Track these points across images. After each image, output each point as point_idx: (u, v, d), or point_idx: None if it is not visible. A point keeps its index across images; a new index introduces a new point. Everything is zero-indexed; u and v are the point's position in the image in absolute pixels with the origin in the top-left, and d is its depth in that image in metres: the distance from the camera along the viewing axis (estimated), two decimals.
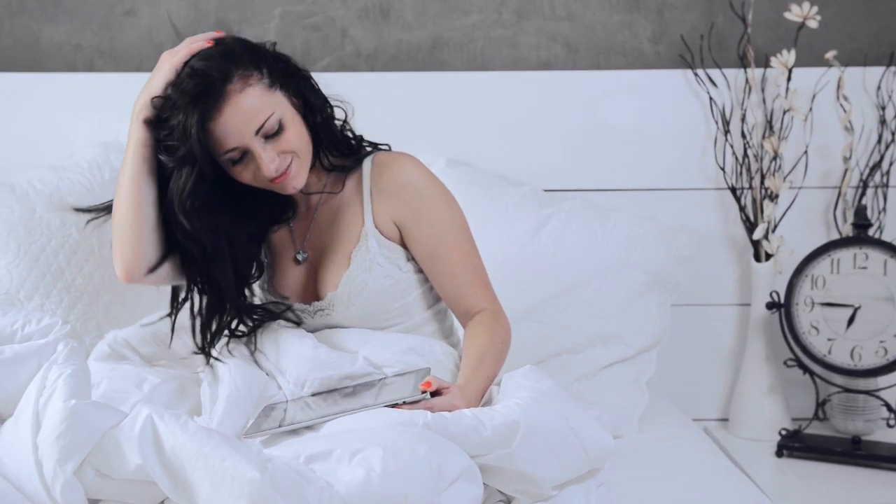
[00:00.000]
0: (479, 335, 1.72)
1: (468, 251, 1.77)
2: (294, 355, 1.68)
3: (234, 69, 1.63)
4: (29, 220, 2.13)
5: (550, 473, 1.44)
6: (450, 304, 1.78)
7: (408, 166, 1.76)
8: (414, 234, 1.74)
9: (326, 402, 1.57)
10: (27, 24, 2.49)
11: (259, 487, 1.23)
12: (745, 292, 2.47)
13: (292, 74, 1.70)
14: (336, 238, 1.77)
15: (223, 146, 1.63)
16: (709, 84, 2.42)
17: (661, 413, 2.21)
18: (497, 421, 1.43)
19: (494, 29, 2.55)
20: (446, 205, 1.77)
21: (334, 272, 1.75)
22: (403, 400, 1.49)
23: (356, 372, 1.64)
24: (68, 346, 1.45)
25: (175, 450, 1.28)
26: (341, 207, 1.79)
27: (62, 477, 1.27)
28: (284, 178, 1.67)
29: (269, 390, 1.67)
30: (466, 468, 1.37)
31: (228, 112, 1.61)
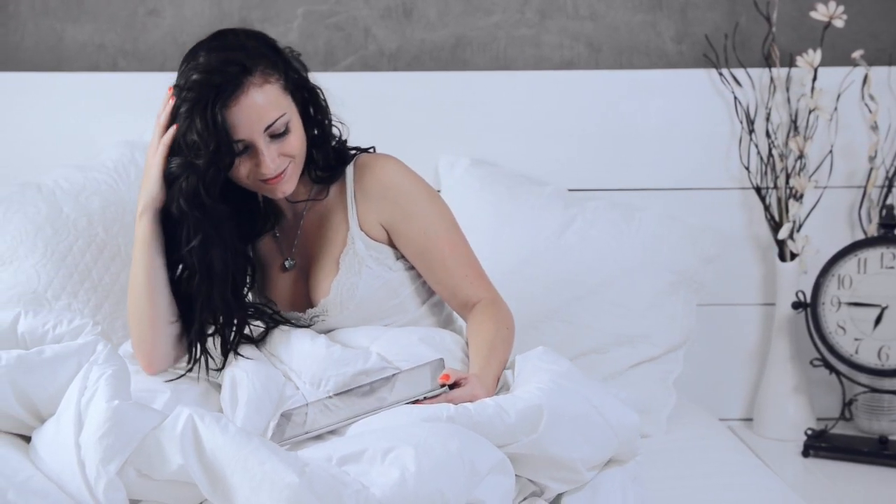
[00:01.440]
0: (483, 323, 1.72)
1: (459, 243, 1.78)
2: (307, 355, 1.69)
3: (258, 64, 1.65)
4: (56, 220, 2.13)
5: (580, 454, 1.44)
6: (447, 298, 1.79)
7: (389, 167, 1.77)
8: (403, 234, 1.75)
9: (345, 403, 1.57)
10: (51, 24, 2.50)
11: (297, 491, 1.23)
12: (770, 292, 2.46)
13: (304, 86, 1.73)
14: (324, 244, 1.79)
15: (234, 135, 1.63)
16: (733, 83, 2.42)
17: (687, 413, 2.21)
18: (520, 407, 1.42)
19: (517, 28, 2.55)
20: (431, 201, 1.78)
21: (324, 278, 1.77)
22: (424, 395, 1.49)
23: (370, 367, 1.65)
24: (107, 346, 1.45)
25: (215, 452, 1.28)
26: (327, 213, 1.80)
27: (105, 477, 1.27)
28: (279, 180, 1.68)
29: (287, 391, 1.67)
30: (498, 461, 1.37)
31: (244, 103, 1.62)
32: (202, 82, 1.63)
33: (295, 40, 2.50)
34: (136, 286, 1.71)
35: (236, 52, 1.64)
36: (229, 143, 1.63)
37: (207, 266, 1.68)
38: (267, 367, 1.68)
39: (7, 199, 2.15)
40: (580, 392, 1.47)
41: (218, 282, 1.68)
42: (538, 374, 1.51)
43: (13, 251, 2.09)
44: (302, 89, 1.73)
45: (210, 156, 1.62)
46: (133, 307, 1.72)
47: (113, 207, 2.19)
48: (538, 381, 1.48)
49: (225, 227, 1.69)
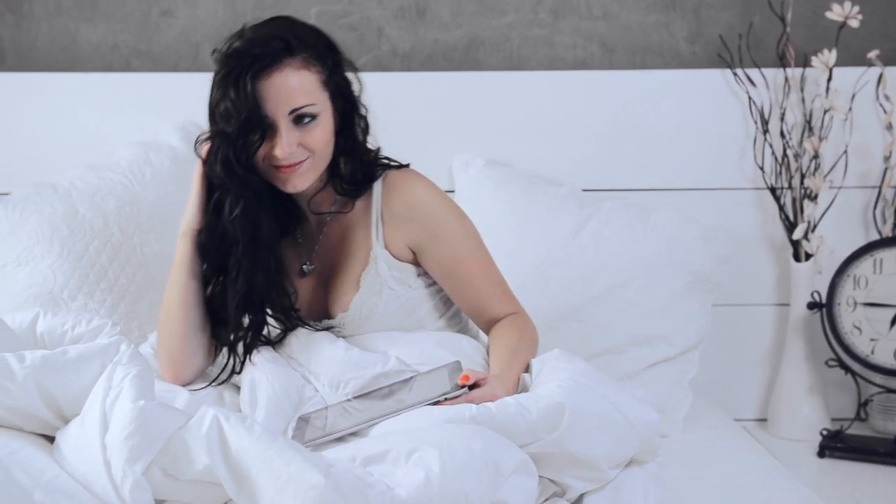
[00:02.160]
0: (508, 333, 1.73)
1: (486, 262, 1.78)
2: (326, 358, 1.68)
3: (303, 50, 1.66)
4: (72, 220, 2.13)
5: (602, 451, 1.44)
6: (473, 315, 1.79)
7: (418, 188, 1.76)
8: (431, 255, 1.75)
9: (365, 405, 1.57)
10: (65, 24, 2.50)
11: (323, 492, 1.23)
12: (784, 292, 2.46)
13: (346, 93, 1.73)
14: (345, 257, 1.78)
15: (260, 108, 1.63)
16: (747, 83, 2.42)
17: (702, 413, 2.20)
18: (542, 405, 1.43)
19: (530, 28, 2.54)
20: (459, 221, 1.77)
21: (344, 294, 1.76)
22: (444, 396, 1.49)
23: (389, 370, 1.65)
24: (130, 347, 1.45)
25: (240, 452, 1.28)
26: (350, 227, 1.78)
27: (131, 477, 1.27)
28: (291, 171, 1.67)
29: (306, 393, 1.67)
30: (522, 461, 1.37)
31: (277, 79, 1.63)
32: (242, 50, 1.65)
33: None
34: (171, 306, 1.72)
35: (285, 32, 1.67)
36: (259, 116, 1.63)
37: (252, 235, 1.68)
38: (286, 369, 1.68)
39: (23, 200, 2.15)
40: (599, 390, 1.48)
41: (264, 250, 1.69)
42: (557, 374, 1.52)
43: (29, 251, 2.10)
44: (344, 96, 1.72)
45: (240, 124, 1.62)
46: (165, 325, 1.73)
47: (128, 208, 2.19)
48: (557, 379, 1.49)
49: (266, 199, 1.69)
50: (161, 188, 2.25)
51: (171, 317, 1.72)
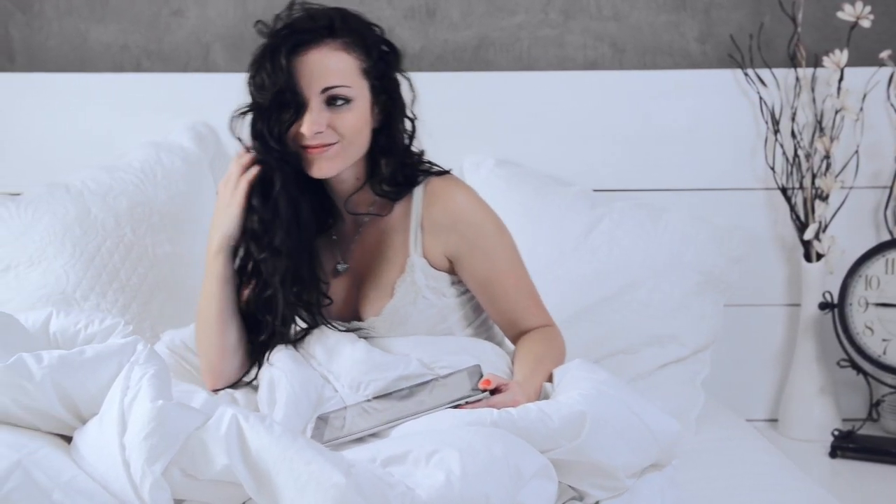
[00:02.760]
0: (536, 342, 1.72)
1: (522, 276, 1.77)
2: (347, 358, 1.67)
3: (347, 35, 1.65)
4: (84, 220, 2.13)
5: (622, 461, 1.43)
6: (504, 326, 1.78)
7: (459, 197, 1.74)
8: (468, 266, 1.73)
9: (384, 406, 1.57)
10: (75, 24, 2.50)
11: (344, 492, 1.23)
12: (795, 293, 2.46)
13: (390, 87, 1.70)
14: (380, 261, 1.75)
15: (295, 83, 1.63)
16: (758, 84, 2.42)
17: (714, 413, 2.19)
18: (564, 412, 1.42)
19: (541, 29, 2.54)
20: (498, 234, 1.75)
21: (377, 299, 1.74)
22: (466, 400, 1.48)
23: (411, 373, 1.64)
24: (147, 346, 1.45)
25: (260, 452, 1.28)
26: (388, 231, 1.76)
27: (150, 477, 1.27)
28: (320, 151, 1.65)
29: (325, 393, 1.66)
30: (542, 465, 1.36)
31: (313, 56, 1.63)
32: (285, 26, 1.65)
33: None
34: (208, 319, 1.71)
35: (331, 16, 1.66)
36: (293, 91, 1.62)
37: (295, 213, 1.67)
38: (305, 368, 1.67)
39: (35, 200, 2.15)
40: (621, 399, 1.47)
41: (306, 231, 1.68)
42: (579, 383, 1.51)
43: (42, 251, 2.10)
44: (388, 93, 1.70)
45: (273, 97, 1.63)
46: (202, 337, 1.72)
47: (140, 208, 2.19)
48: (579, 388, 1.48)
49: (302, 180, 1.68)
50: (173, 188, 2.25)
51: (209, 331, 1.71)
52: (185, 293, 2.20)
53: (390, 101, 1.71)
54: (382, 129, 1.71)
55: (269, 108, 1.65)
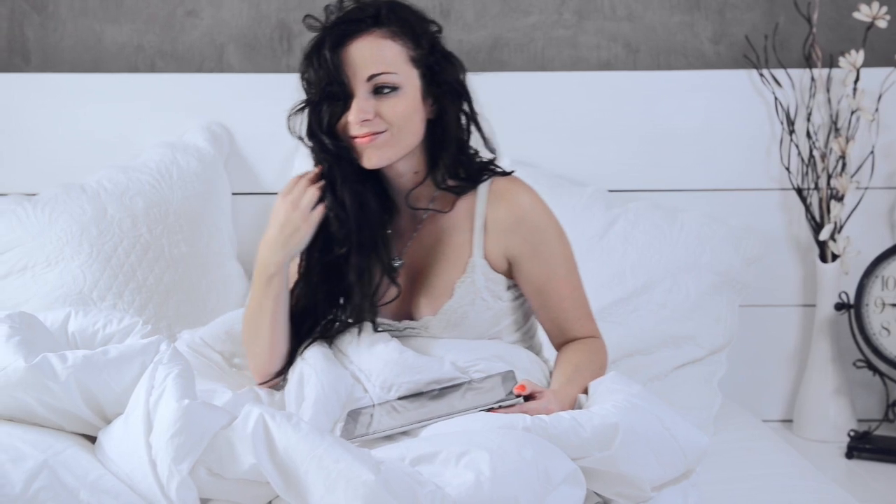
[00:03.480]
0: (578, 351, 1.70)
1: (577, 285, 1.74)
2: (379, 358, 1.65)
3: (393, 24, 1.64)
4: (101, 221, 2.13)
5: (650, 474, 1.43)
6: (552, 333, 1.75)
7: (525, 199, 1.71)
8: (526, 270, 1.70)
9: (414, 406, 1.56)
10: (90, 24, 2.50)
11: (374, 489, 1.22)
12: (810, 293, 2.45)
13: (444, 83, 1.67)
14: (439, 260, 1.72)
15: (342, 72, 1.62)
16: (773, 84, 2.41)
17: (730, 414, 2.19)
18: (596, 423, 1.41)
19: (555, 29, 2.54)
20: (560, 240, 1.72)
21: (434, 298, 1.71)
22: (499, 404, 1.48)
23: (444, 376, 1.62)
24: (171, 346, 1.44)
25: (288, 450, 1.27)
26: (449, 229, 1.72)
27: (177, 476, 1.26)
28: (368, 140, 1.63)
29: (355, 393, 1.64)
30: (571, 471, 1.35)
31: (359, 44, 1.62)
32: (335, 23, 1.64)
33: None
34: (260, 331, 1.68)
35: (378, 6, 1.65)
36: (340, 81, 1.62)
37: (361, 204, 1.65)
38: (336, 367, 1.65)
39: (52, 200, 2.15)
40: (654, 412, 1.46)
41: (374, 219, 1.66)
42: (612, 395, 1.50)
43: (59, 252, 2.10)
44: (441, 85, 1.67)
45: (321, 90, 1.62)
46: (253, 345, 1.70)
47: (156, 208, 2.19)
48: (613, 400, 1.47)
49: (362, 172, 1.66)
50: (188, 188, 2.25)
51: (261, 342, 1.69)
52: (201, 293, 2.20)
53: (442, 92, 1.67)
54: (438, 121, 1.69)
55: (319, 103, 1.64)
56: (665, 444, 1.45)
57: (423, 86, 1.66)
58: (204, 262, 2.23)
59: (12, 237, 2.11)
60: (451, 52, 1.72)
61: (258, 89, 2.45)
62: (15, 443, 1.32)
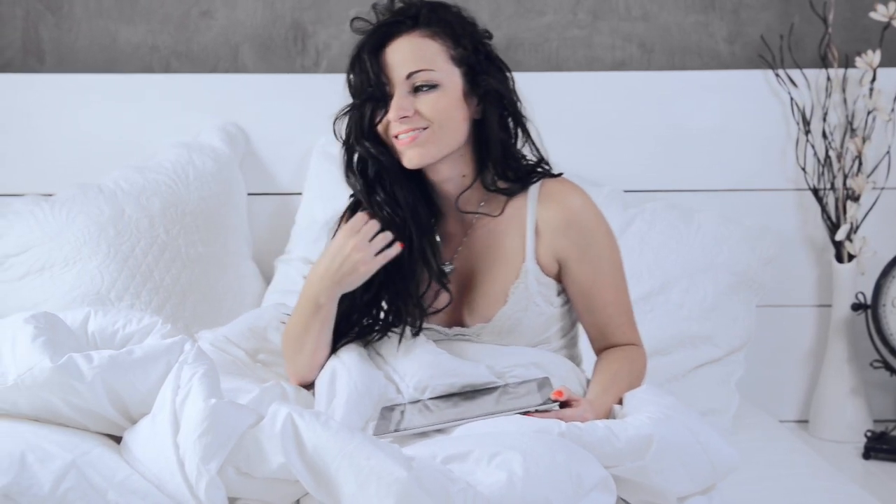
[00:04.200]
0: (616, 359, 1.69)
1: (623, 291, 1.72)
2: (414, 360, 1.63)
3: (434, 24, 1.64)
4: (118, 221, 2.13)
5: (679, 488, 1.42)
6: (594, 337, 1.73)
7: (576, 200, 1.68)
8: (573, 272, 1.68)
9: (447, 405, 1.55)
10: (104, 25, 2.50)
11: (406, 486, 1.22)
12: (825, 293, 2.45)
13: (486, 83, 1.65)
14: (491, 266, 1.70)
15: (382, 73, 1.63)
16: (789, 84, 2.41)
17: (747, 415, 2.19)
18: (630, 433, 1.41)
19: (569, 29, 2.54)
20: (609, 244, 1.70)
21: (488, 305, 1.68)
22: (536, 408, 1.47)
23: (479, 380, 1.61)
24: (195, 346, 1.44)
25: (317, 448, 1.27)
26: (500, 234, 1.69)
27: (206, 476, 1.26)
28: (410, 140, 1.61)
29: (388, 393, 1.63)
30: (603, 478, 1.35)
31: (397, 45, 1.62)
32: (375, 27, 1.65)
33: (348, 41, 2.48)
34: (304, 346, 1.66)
35: (418, 7, 1.65)
36: (379, 82, 1.62)
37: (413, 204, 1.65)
38: (370, 366, 1.64)
39: (70, 200, 2.15)
40: (687, 425, 1.45)
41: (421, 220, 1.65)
42: (647, 406, 1.50)
43: (77, 252, 2.10)
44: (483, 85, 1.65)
45: (363, 93, 1.63)
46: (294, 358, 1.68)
47: (173, 209, 2.19)
48: (647, 411, 1.47)
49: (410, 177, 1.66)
50: (204, 189, 2.25)
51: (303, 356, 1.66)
52: (217, 294, 2.20)
53: (485, 92, 1.65)
54: (483, 122, 1.67)
55: (361, 106, 1.64)
56: (696, 458, 1.44)
57: (465, 85, 1.65)
58: (220, 262, 2.23)
59: (30, 237, 2.11)
60: (497, 55, 1.71)
61: (273, 89, 2.45)
62: (42, 443, 1.31)
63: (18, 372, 1.36)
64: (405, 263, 1.65)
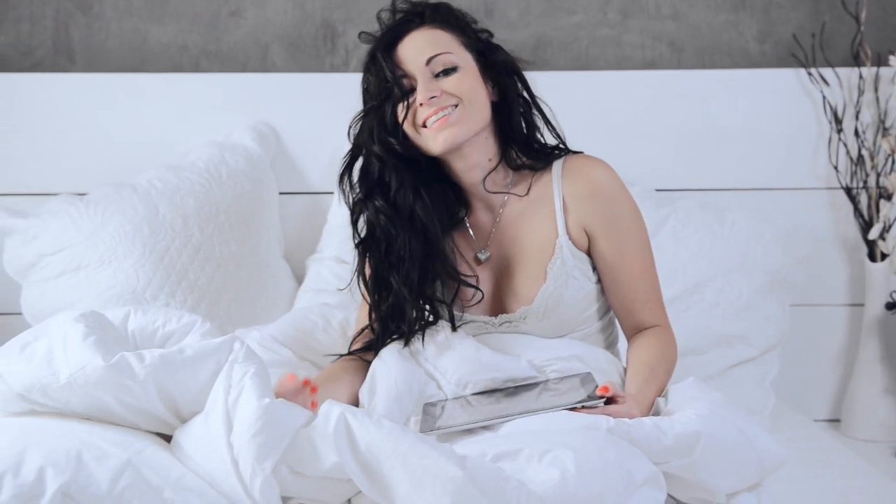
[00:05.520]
0: (650, 347, 1.69)
1: (650, 267, 1.73)
2: (455, 356, 1.64)
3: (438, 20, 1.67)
4: (153, 220, 2.13)
5: (727, 484, 1.42)
6: (621, 316, 1.74)
7: (602, 173, 1.70)
8: (600, 244, 1.69)
9: (489, 401, 1.55)
10: (134, 25, 2.50)
11: (461, 485, 1.22)
12: (857, 292, 2.45)
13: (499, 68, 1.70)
14: (525, 246, 1.71)
15: (398, 69, 1.65)
16: (821, 83, 2.41)
17: (781, 414, 2.19)
18: (678, 430, 1.41)
19: (599, 28, 2.54)
20: (634, 217, 1.71)
21: (528, 286, 1.69)
22: (582, 404, 1.47)
23: (520, 374, 1.61)
24: (244, 345, 1.44)
25: (371, 448, 1.27)
26: (529, 213, 1.72)
27: (261, 474, 1.26)
28: (442, 121, 1.63)
29: (428, 390, 1.63)
30: (653, 474, 1.35)
31: (410, 40, 1.66)
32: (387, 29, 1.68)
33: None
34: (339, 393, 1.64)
35: (422, 7, 1.69)
36: (397, 77, 1.64)
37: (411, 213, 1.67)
38: (410, 363, 1.64)
39: (105, 200, 2.15)
40: (735, 422, 1.45)
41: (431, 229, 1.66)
42: (694, 402, 1.49)
43: (113, 251, 2.10)
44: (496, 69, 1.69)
45: (381, 92, 1.64)
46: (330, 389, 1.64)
47: (206, 208, 2.19)
48: (694, 407, 1.47)
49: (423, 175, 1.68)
50: (237, 188, 2.25)
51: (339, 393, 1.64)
52: (251, 293, 2.20)
53: (497, 73, 1.69)
54: (501, 104, 1.70)
55: (380, 106, 1.65)
56: (744, 454, 1.44)
57: (479, 68, 1.68)
58: (253, 261, 2.23)
59: (66, 237, 2.11)
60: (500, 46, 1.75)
61: (303, 89, 2.45)
62: (97, 441, 1.31)
63: (71, 371, 1.36)
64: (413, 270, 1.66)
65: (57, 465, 1.25)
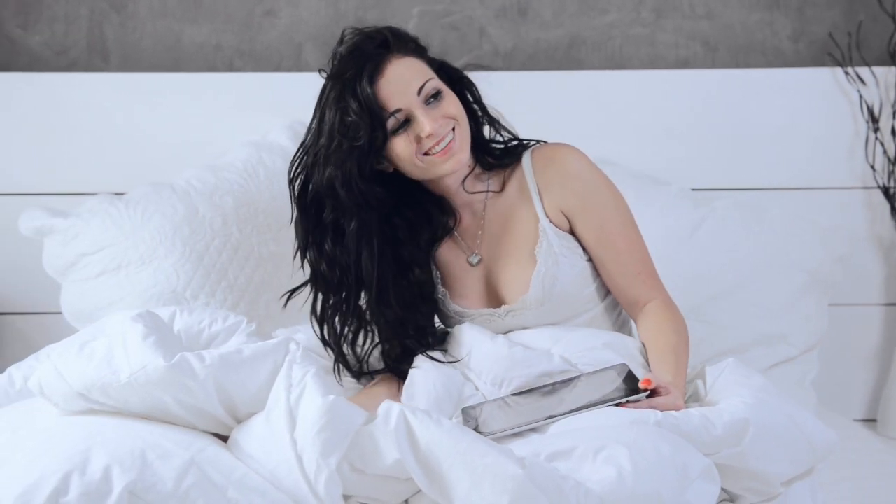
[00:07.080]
0: (664, 329, 1.69)
1: (634, 240, 1.75)
2: (488, 355, 1.65)
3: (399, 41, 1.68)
4: (193, 220, 2.13)
5: (780, 470, 1.43)
6: (617, 294, 1.76)
7: (571, 156, 1.76)
8: (581, 224, 1.73)
9: (528, 402, 1.55)
10: (169, 25, 2.50)
11: (521, 484, 1.22)
12: (893, 292, 2.44)
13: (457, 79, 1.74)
14: (511, 239, 1.75)
15: (388, 108, 1.64)
16: (858, 82, 2.40)
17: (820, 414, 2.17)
18: (726, 419, 1.41)
19: (633, 27, 2.54)
20: (610, 194, 1.76)
21: (521, 273, 1.73)
22: (627, 399, 1.47)
23: (553, 369, 1.61)
24: (300, 346, 1.44)
25: (430, 446, 1.27)
26: (509, 208, 1.77)
27: (326, 470, 1.27)
28: (448, 149, 1.66)
29: (465, 391, 1.64)
30: (706, 466, 1.35)
31: (390, 73, 1.64)
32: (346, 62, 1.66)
33: None
34: None
35: (383, 33, 1.68)
36: (381, 119, 1.63)
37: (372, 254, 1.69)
38: (445, 366, 1.65)
39: (144, 199, 2.15)
40: (782, 408, 1.46)
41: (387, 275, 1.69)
42: (738, 389, 1.50)
43: (153, 251, 2.10)
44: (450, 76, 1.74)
45: (369, 133, 1.62)
46: None
47: (245, 207, 2.19)
48: (740, 395, 1.47)
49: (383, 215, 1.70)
50: (275, 188, 2.25)
51: None
52: None
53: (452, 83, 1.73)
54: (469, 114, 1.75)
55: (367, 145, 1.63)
56: (794, 440, 1.45)
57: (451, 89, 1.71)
58: (290, 261, 2.22)
59: (105, 236, 2.11)
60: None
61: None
62: (159, 440, 1.32)
63: (132, 370, 1.36)
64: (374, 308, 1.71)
65: (123, 464, 1.26)
